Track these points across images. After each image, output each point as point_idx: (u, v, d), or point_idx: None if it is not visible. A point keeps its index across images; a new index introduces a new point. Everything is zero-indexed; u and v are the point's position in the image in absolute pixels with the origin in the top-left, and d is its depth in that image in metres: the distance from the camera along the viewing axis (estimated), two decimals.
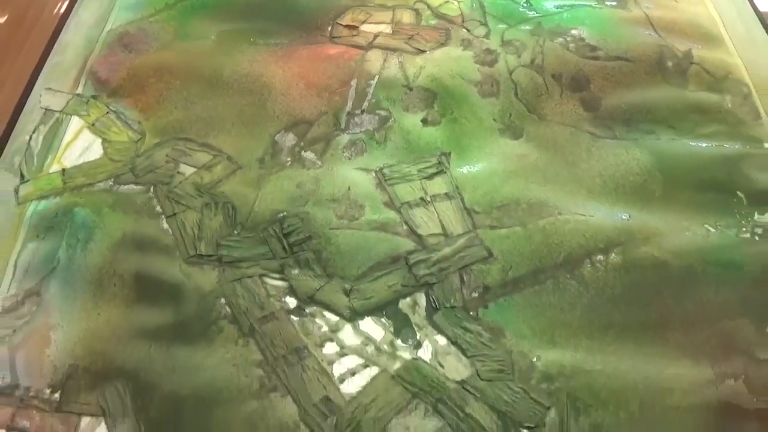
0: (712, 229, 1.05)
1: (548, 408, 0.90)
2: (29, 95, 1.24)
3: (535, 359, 0.94)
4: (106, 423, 0.91)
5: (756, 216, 1.07)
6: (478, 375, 0.93)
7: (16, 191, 1.11)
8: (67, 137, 1.17)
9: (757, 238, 1.05)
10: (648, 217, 1.06)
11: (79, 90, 1.23)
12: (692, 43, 1.30)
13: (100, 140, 1.16)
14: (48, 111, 1.20)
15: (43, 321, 0.98)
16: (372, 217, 1.06)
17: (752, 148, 1.15)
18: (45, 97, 1.22)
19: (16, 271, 1.03)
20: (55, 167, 1.14)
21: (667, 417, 0.90)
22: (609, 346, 0.95)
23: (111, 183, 1.11)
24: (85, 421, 0.91)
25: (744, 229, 1.06)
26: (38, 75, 1.27)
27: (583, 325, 0.97)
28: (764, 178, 1.11)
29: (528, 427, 0.90)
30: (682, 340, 0.96)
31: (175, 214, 1.06)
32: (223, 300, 0.99)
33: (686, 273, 1.01)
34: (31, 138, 1.17)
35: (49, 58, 1.30)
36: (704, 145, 1.15)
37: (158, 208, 1.08)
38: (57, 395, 0.93)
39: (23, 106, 1.22)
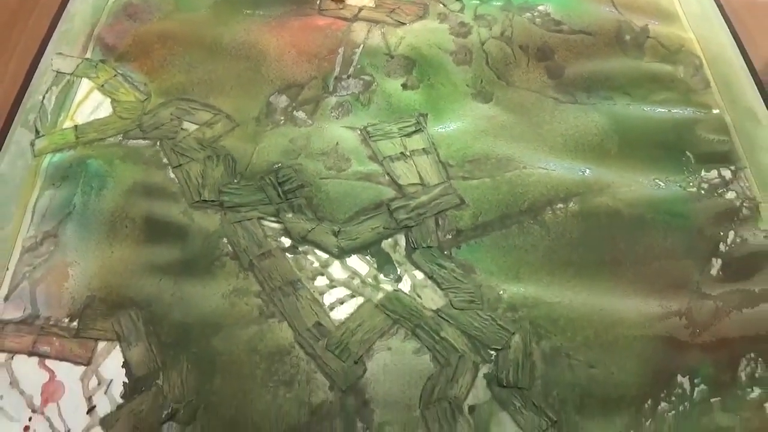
0: (662, 183, 1.16)
1: (513, 333, 1.01)
2: (41, 60, 1.32)
3: (501, 292, 1.05)
4: (120, 346, 1.00)
5: (702, 172, 1.18)
6: (452, 304, 1.03)
7: (32, 145, 1.20)
8: (78, 97, 1.26)
9: (702, 192, 1.16)
10: (604, 171, 1.17)
11: (88, 55, 1.32)
12: (649, 19, 1.40)
13: (109, 100, 1.25)
14: (59, 74, 1.29)
15: (61, 259, 1.07)
16: (357, 169, 1.16)
17: (701, 113, 1.26)
18: (56, 61, 1.31)
19: (34, 215, 1.12)
20: (68, 124, 1.22)
21: (618, 344, 1.01)
22: (567, 282, 1.06)
23: (120, 138, 1.20)
24: (102, 345, 1.01)
25: (691, 184, 1.17)
26: (48, 41, 1.35)
27: (544, 263, 1.08)
28: (711, 140, 1.22)
29: (495, 349, 1.00)
30: (633, 278, 1.06)
31: (180, 165, 1.16)
32: (225, 239, 1.09)
33: (637, 220, 1.12)
34: (44, 98, 1.26)
35: (58, 26, 1.37)
36: (657, 110, 1.26)
37: (165, 160, 1.17)
38: (75, 323, 1.02)
39: (35, 70, 1.31)
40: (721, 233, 1.11)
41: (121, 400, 0.96)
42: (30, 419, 0.95)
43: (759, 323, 1.03)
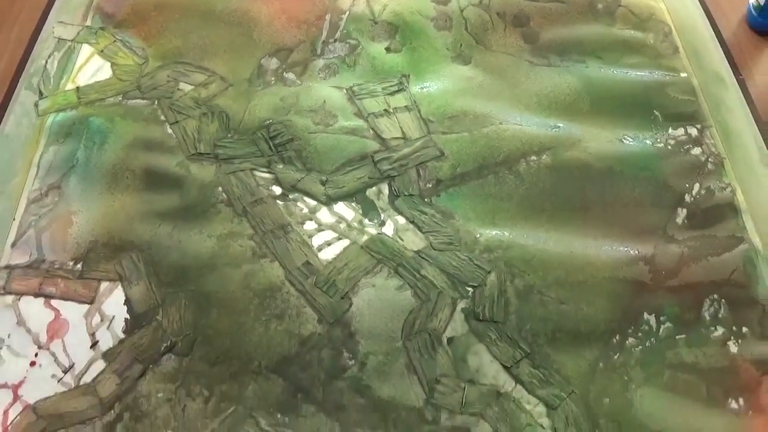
0: (631, 139, 1.22)
1: (489, 272, 1.07)
2: (43, 28, 1.37)
3: (478, 235, 1.10)
4: (122, 285, 1.06)
5: (670, 130, 1.24)
6: (432, 246, 1.09)
7: (36, 105, 1.25)
8: (79, 61, 1.31)
9: (669, 147, 1.22)
10: (575, 127, 1.23)
11: (88, 23, 1.37)
12: None
13: (109, 64, 1.30)
14: (61, 40, 1.34)
15: (65, 208, 1.12)
16: (344, 124, 1.22)
17: (670, 76, 1.32)
18: (57, 28, 1.36)
19: (39, 170, 1.17)
20: (70, 86, 1.27)
21: (588, 283, 1.07)
22: (540, 227, 1.11)
23: (120, 98, 1.25)
24: (104, 285, 1.06)
25: (659, 140, 1.23)
26: (50, 11, 1.40)
27: (518, 210, 1.13)
28: (679, 101, 1.28)
29: (472, 286, 1.06)
30: (602, 224, 1.12)
31: (177, 121, 1.21)
32: (220, 188, 1.14)
33: (606, 172, 1.18)
34: (47, 62, 1.31)
35: None
36: (627, 72, 1.32)
37: (162, 117, 1.22)
38: (79, 266, 1.07)
39: (38, 37, 1.36)
40: (687, 185, 1.17)
41: (122, 335, 1.01)
42: (36, 355, 1.00)
43: (722, 269, 1.08)
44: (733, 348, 1.02)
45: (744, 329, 1.03)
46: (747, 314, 1.05)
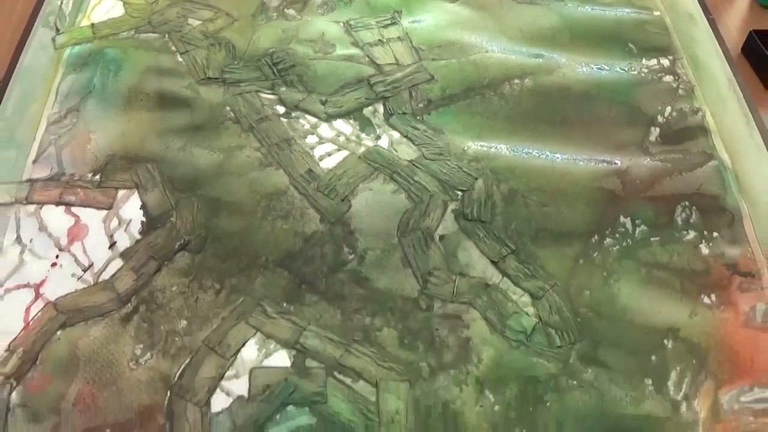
0: (607, 68, 1.26)
1: (476, 178, 1.10)
2: None
3: (466, 148, 1.14)
4: (138, 192, 1.08)
5: (643, 60, 1.29)
6: (424, 156, 1.13)
7: (54, 40, 1.28)
8: (93, 1, 1.35)
9: (642, 75, 1.26)
10: (555, 57, 1.26)
11: None
12: None
13: (121, 3, 1.34)
14: None
15: (83, 128, 1.15)
16: (341, 52, 1.26)
17: (644, 14, 1.36)
18: None
19: (57, 96, 1.20)
20: (84, 23, 1.31)
21: (568, 190, 1.10)
22: (523, 141, 1.15)
23: (133, 32, 1.28)
24: (121, 192, 1.09)
25: (633, 68, 1.27)
26: None
27: (503, 127, 1.17)
28: (652, 34, 1.32)
29: (461, 190, 1.10)
30: (581, 139, 1.16)
31: (187, 51, 1.25)
32: (228, 108, 1.18)
33: (584, 95, 1.22)
34: (62, 2, 1.34)
35: None
36: (604, 10, 1.35)
37: (173, 48, 1.26)
38: (97, 177, 1.10)
39: None
40: (660, 108, 1.21)
41: (139, 236, 1.04)
42: (57, 257, 1.02)
43: (693, 181, 1.12)
44: (704, 250, 1.05)
45: (714, 234, 1.06)
46: (717, 220, 1.08)
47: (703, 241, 1.06)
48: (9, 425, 0.89)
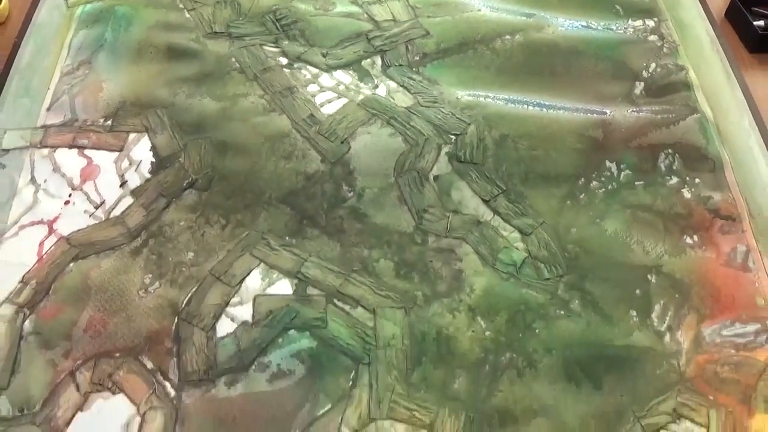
0: (594, 26, 1.28)
1: (469, 124, 1.12)
2: None
3: (459, 97, 1.15)
4: (148, 135, 1.10)
5: (629, 21, 1.30)
6: (419, 103, 1.14)
7: (66, 0, 1.30)
8: None
9: (628, 33, 1.28)
10: (545, 15, 1.28)
11: None
12: None
13: None
14: None
15: (95, 78, 1.16)
16: (341, 9, 1.27)
17: None
18: None
19: (70, 50, 1.20)
20: None
21: (556, 136, 1.12)
22: (514, 92, 1.17)
23: None
24: (132, 135, 1.10)
25: (619, 28, 1.28)
26: None
27: (495, 78, 1.19)
28: None
29: (454, 134, 1.11)
30: (569, 91, 1.18)
31: (194, 8, 1.26)
32: (233, 59, 1.19)
33: (572, 50, 1.23)
34: None
35: None
36: None
37: (181, 6, 1.27)
38: (109, 122, 1.11)
39: None
40: (645, 64, 1.22)
41: (149, 175, 1.06)
42: (70, 195, 1.04)
43: (676, 132, 1.13)
44: (687, 194, 1.07)
45: (696, 180, 1.08)
46: (699, 167, 1.10)
47: (686, 186, 1.07)
48: (22, 351, 0.90)
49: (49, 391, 0.88)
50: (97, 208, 1.02)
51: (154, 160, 1.06)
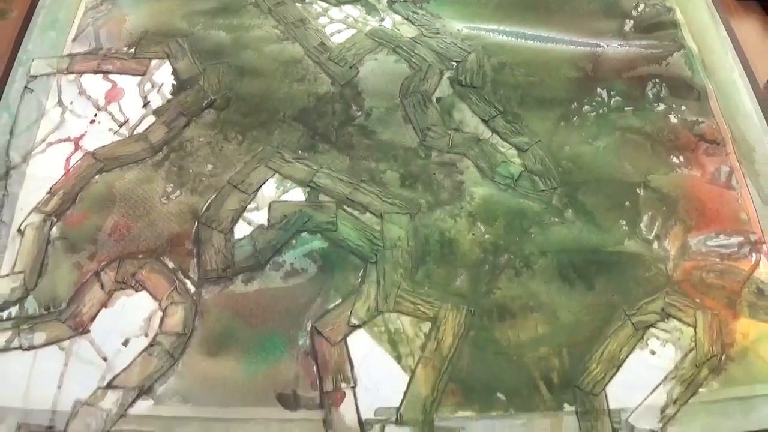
0: None
1: (469, 53, 1.13)
2: None
3: (460, 29, 1.16)
4: (169, 61, 1.10)
5: None
6: (423, 34, 1.15)
7: None
8: None
9: None
10: None
11: None
12: None
13: None
14: None
15: (119, 12, 1.16)
16: None
17: None
18: None
19: None
20: None
21: (550, 63, 1.14)
22: (511, 26, 1.18)
23: None
24: (154, 61, 1.11)
25: None
26: None
27: (493, 14, 1.19)
28: None
29: (456, 61, 1.13)
30: (563, 26, 1.18)
31: None
32: None
33: None
34: None
35: None
36: None
37: None
38: (132, 50, 1.12)
39: None
40: (634, 3, 1.24)
41: (170, 96, 1.07)
42: (95, 115, 1.04)
43: (664, 65, 1.15)
44: (673, 119, 1.08)
45: (683, 107, 1.09)
46: (685, 95, 1.11)
47: (672, 112, 1.08)
48: (49, 255, 0.91)
49: (74, 290, 0.89)
50: (121, 126, 1.03)
51: (175, 82, 1.07)
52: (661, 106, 1.09)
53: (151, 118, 1.04)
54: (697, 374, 0.86)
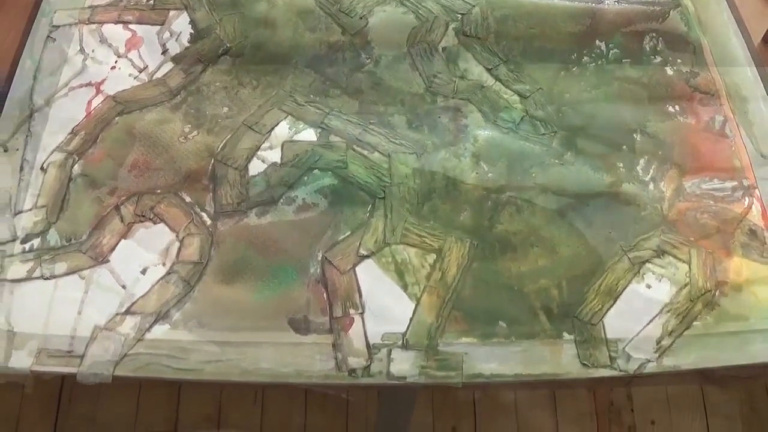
0: None
1: (474, 6, 1.12)
2: None
3: None
4: (187, 12, 1.09)
5: None
6: None
7: None
8: None
9: None
10: None
11: None
12: None
13: None
14: None
15: None
16: None
17: None
18: None
19: None
20: None
21: (550, 18, 1.13)
22: None
23: None
24: (173, 12, 1.09)
25: None
26: None
27: None
28: None
29: (461, 14, 1.11)
30: None
31: None
32: None
33: None
34: None
35: None
36: None
37: None
38: (152, 1, 1.11)
39: None
40: None
41: (188, 44, 1.06)
42: (116, 62, 1.04)
43: (661, 21, 1.15)
44: (669, 71, 1.07)
45: (678, 60, 1.08)
46: (680, 48, 1.10)
47: (668, 64, 1.07)
48: (71, 192, 0.90)
49: (95, 223, 0.88)
50: (140, 71, 1.03)
51: (192, 31, 1.07)
52: (658, 59, 1.09)
53: (170, 65, 1.03)
54: (691, 308, 0.85)
